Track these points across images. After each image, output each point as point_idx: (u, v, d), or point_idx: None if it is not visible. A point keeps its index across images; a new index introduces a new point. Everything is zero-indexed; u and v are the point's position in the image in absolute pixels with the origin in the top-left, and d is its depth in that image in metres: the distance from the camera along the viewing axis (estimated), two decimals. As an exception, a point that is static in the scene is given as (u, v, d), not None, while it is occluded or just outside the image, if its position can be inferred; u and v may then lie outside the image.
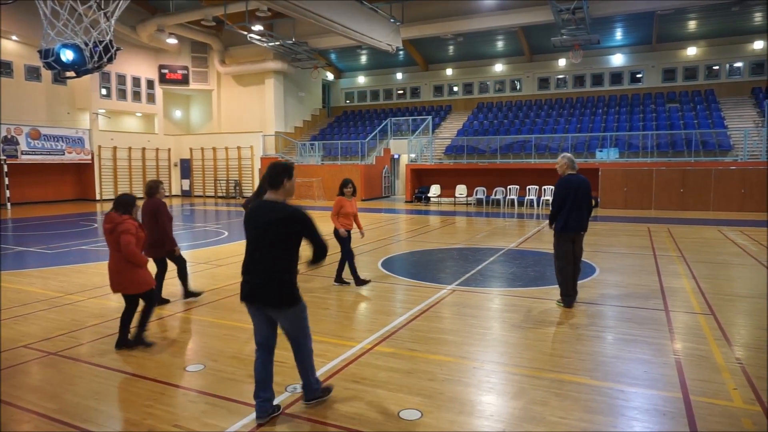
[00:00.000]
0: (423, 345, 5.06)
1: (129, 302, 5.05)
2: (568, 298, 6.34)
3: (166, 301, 6.70)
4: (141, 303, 5.12)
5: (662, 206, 19.12)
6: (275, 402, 3.74)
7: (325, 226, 8.24)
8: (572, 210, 6.15)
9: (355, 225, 7.66)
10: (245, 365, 4.58)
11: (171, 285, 7.12)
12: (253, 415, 3.64)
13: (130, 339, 5.04)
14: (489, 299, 6.84)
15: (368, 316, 6.29)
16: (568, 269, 6.28)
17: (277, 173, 3.53)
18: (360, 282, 7.54)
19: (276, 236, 3.43)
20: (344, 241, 7.46)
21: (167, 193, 28.97)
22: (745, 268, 8.71)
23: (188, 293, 6.84)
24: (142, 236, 5.13)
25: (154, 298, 5.30)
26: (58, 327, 5.69)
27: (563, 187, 6.20)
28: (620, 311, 6.21)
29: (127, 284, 4.95)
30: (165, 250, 6.46)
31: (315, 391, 3.82)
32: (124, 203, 5.04)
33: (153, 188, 6.45)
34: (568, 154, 6.39)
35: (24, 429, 3.53)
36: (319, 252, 3.49)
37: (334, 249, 5.29)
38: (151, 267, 5.58)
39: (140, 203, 5.46)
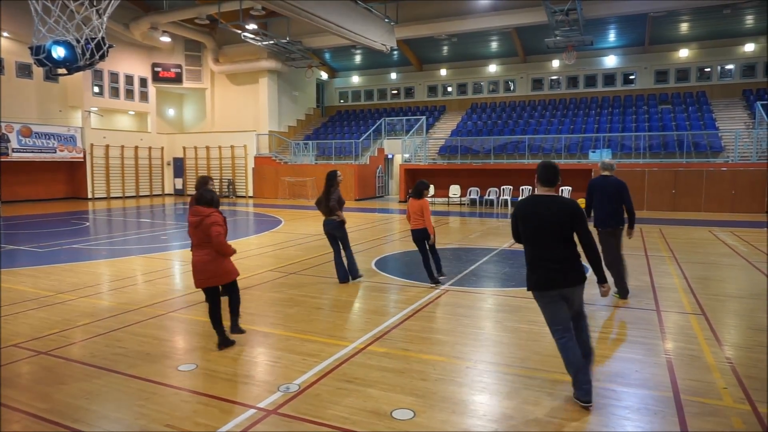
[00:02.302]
0: (416, 345, 5.06)
1: (213, 296, 5.07)
2: (620, 288, 6.77)
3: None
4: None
5: (654, 207, 19.24)
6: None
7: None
8: (599, 207, 6.74)
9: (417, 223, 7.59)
10: (238, 365, 4.57)
11: (163, 283, 7.04)
12: (246, 414, 3.64)
13: (228, 337, 5.10)
14: (482, 299, 6.85)
15: (361, 315, 6.29)
16: (608, 262, 6.62)
17: (553, 171, 3.90)
18: (435, 281, 7.61)
19: (567, 224, 3.76)
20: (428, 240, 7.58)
21: (162, 192, 28.90)
22: (735, 269, 8.79)
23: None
24: (227, 229, 5.17)
25: (237, 286, 5.31)
26: (49, 326, 5.65)
27: (588, 186, 6.89)
28: (612, 311, 6.25)
29: (220, 274, 4.97)
30: None
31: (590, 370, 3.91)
32: (209, 199, 5.06)
33: (202, 183, 6.54)
34: (604, 159, 7.01)
35: (14, 429, 3.50)
36: (591, 248, 3.84)
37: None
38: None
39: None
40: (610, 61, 26.81)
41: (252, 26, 23.48)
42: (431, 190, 7.65)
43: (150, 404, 3.82)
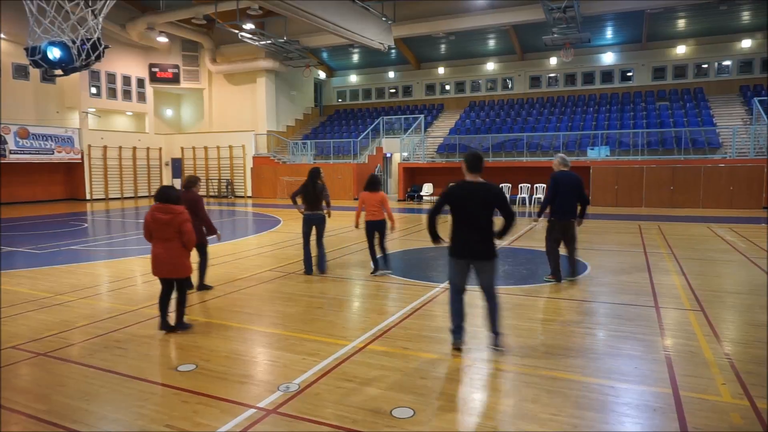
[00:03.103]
0: (415, 343, 5.06)
1: (168, 286, 5.52)
2: (558, 273, 7.41)
3: (210, 287, 7.29)
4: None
5: (652, 204, 19.27)
6: None
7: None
8: (563, 201, 7.15)
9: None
10: (237, 365, 4.57)
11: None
12: (246, 413, 3.64)
13: (169, 322, 5.49)
14: (481, 297, 6.84)
15: (361, 314, 6.29)
16: (556, 251, 7.37)
17: (480, 161, 4.67)
18: (377, 268, 8.19)
19: (490, 206, 4.61)
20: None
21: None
22: (733, 265, 8.80)
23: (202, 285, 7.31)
24: None
25: (191, 283, 5.79)
26: (48, 327, 5.64)
27: (553, 181, 7.21)
28: (611, 308, 6.26)
29: (179, 269, 5.38)
30: (200, 237, 6.97)
31: (499, 338, 4.75)
32: (175, 197, 5.38)
33: (192, 182, 7.05)
34: (561, 154, 7.37)
35: (13, 430, 3.50)
36: (511, 219, 4.66)
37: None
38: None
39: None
40: (608, 58, 26.82)
41: (249, 26, 23.45)
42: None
43: (149, 405, 3.82)
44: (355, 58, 31.09)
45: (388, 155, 27.97)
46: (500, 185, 21.26)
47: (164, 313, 5.46)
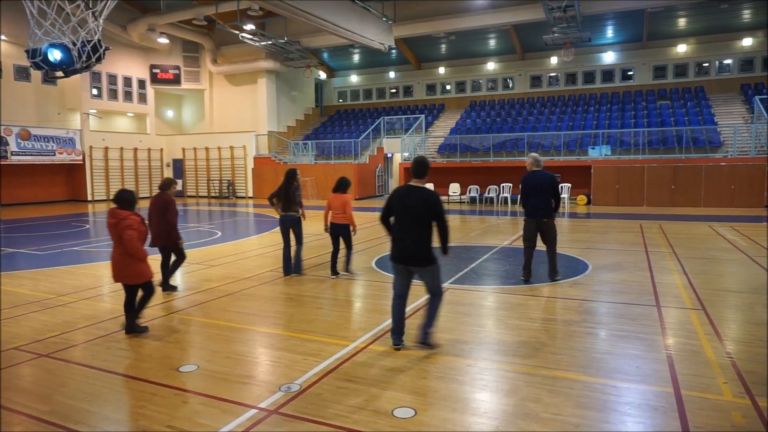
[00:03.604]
0: (416, 343, 5.06)
1: (129, 292, 5.39)
2: (526, 272, 7.50)
3: (174, 288, 7.23)
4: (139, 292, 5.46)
5: (654, 203, 19.25)
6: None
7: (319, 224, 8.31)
8: (535, 200, 7.26)
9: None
10: (238, 365, 4.58)
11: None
12: (248, 414, 3.65)
13: (137, 324, 5.41)
14: (482, 297, 6.86)
15: (362, 314, 6.29)
16: (528, 249, 7.46)
17: (425, 166, 4.73)
18: (335, 273, 8.09)
19: (424, 212, 4.58)
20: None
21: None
22: (735, 264, 8.79)
23: (167, 285, 7.21)
24: (144, 231, 5.38)
25: (152, 288, 5.52)
26: (50, 328, 5.65)
27: (523, 182, 7.42)
28: (612, 307, 6.25)
29: (129, 275, 5.27)
30: (170, 240, 6.98)
31: (427, 336, 4.78)
32: (127, 200, 5.27)
33: (167, 184, 7.05)
34: (534, 154, 7.52)
35: (15, 431, 3.51)
36: (444, 230, 4.66)
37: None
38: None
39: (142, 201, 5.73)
40: (609, 58, 26.80)
41: (250, 26, 23.47)
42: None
43: (151, 405, 3.83)
44: (356, 58, 31.10)
45: (389, 155, 27.97)
46: (501, 185, 21.45)
47: (128, 317, 5.41)
